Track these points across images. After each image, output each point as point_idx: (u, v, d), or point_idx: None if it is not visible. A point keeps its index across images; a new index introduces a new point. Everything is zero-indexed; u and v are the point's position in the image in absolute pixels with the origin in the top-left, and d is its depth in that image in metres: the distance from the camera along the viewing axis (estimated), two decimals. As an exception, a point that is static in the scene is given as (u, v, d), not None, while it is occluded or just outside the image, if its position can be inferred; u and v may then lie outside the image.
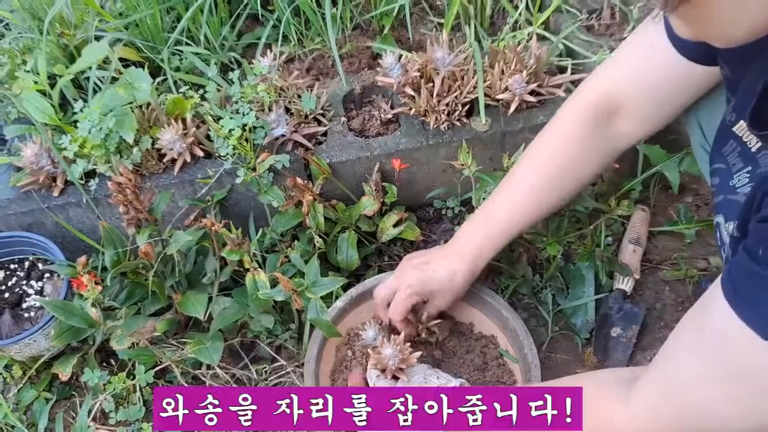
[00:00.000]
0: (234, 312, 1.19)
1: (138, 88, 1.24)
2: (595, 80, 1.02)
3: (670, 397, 0.70)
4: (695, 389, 0.68)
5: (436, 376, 1.03)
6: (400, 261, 1.39)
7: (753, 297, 0.61)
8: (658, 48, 0.90)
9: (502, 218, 1.07)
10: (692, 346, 0.69)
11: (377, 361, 1.04)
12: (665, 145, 1.33)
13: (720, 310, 0.63)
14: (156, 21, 1.44)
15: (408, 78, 1.30)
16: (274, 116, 1.27)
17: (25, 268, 1.33)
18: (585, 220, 1.30)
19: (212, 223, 1.16)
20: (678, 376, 0.70)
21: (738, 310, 0.61)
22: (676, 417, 0.70)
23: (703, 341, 0.67)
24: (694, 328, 0.70)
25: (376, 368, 1.06)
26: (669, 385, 0.71)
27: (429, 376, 1.03)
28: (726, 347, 0.64)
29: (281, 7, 1.48)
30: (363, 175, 1.34)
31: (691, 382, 0.68)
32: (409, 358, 1.03)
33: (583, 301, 1.30)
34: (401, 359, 1.02)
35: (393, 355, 1.02)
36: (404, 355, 1.03)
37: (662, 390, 0.72)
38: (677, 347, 0.72)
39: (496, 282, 1.38)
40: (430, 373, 1.04)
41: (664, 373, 0.73)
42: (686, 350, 0.70)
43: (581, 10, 1.50)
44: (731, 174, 0.76)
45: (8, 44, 1.46)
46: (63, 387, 1.30)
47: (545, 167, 1.04)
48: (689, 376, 0.69)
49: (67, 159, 1.27)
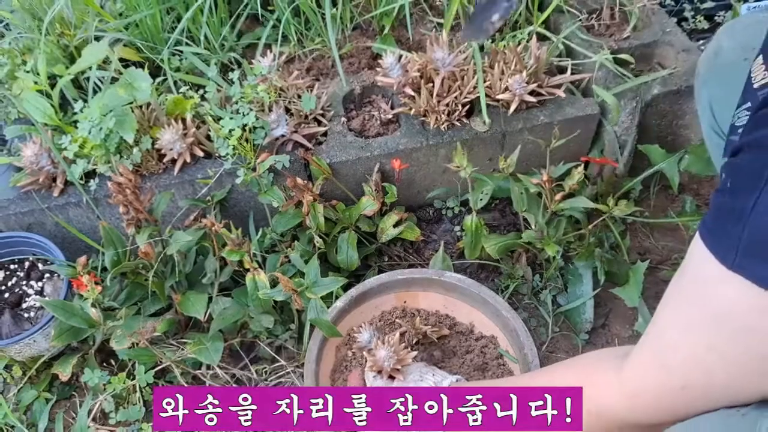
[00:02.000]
0: (234, 312, 1.19)
1: (138, 89, 1.24)
2: None
3: (657, 355, 0.68)
4: (679, 342, 0.65)
5: (432, 374, 1.04)
6: (400, 261, 1.40)
7: (721, 230, 0.58)
8: None
9: None
10: (673, 298, 0.67)
11: (373, 363, 1.05)
12: (665, 145, 1.33)
13: (696, 254, 0.62)
14: (156, 21, 1.44)
15: (408, 78, 1.30)
16: (274, 116, 1.27)
17: (25, 268, 1.33)
18: (584, 221, 1.30)
19: (212, 224, 1.16)
20: (663, 333, 0.68)
21: (708, 246, 0.59)
22: (665, 375, 0.67)
23: (681, 290, 0.65)
24: (675, 281, 0.68)
25: (372, 369, 1.07)
26: (656, 344, 0.69)
27: (425, 374, 1.04)
28: (701, 288, 0.61)
29: (281, 7, 1.48)
30: (363, 175, 1.34)
31: (674, 336, 0.66)
32: (405, 358, 1.04)
33: (582, 301, 1.30)
34: (397, 360, 1.03)
35: (387, 356, 1.03)
36: (400, 356, 1.03)
37: (651, 352, 0.70)
38: (662, 306, 0.70)
39: (496, 282, 1.38)
40: (427, 371, 1.05)
41: (650, 333, 0.71)
42: (668, 305, 0.68)
43: (581, 10, 1.50)
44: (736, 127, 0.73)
45: (8, 44, 1.46)
46: (63, 387, 1.30)
47: None
48: (673, 330, 0.66)
49: (67, 159, 1.27)
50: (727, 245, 0.57)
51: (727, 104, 0.93)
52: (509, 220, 1.45)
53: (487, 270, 1.41)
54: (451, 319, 1.27)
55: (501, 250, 1.30)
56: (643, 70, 1.43)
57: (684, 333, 0.64)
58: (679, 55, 1.39)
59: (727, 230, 0.57)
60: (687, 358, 0.64)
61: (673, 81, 1.33)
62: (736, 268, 0.56)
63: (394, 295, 1.27)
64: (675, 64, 1.39)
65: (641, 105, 1.32)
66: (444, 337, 1.24)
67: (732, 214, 0.57)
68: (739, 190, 0.57)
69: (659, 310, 0.70)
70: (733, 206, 0.57)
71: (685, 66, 1.36)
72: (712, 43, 1.01)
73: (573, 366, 0.86)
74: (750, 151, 0.59)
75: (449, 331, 1.24)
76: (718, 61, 0.98)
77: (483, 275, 1.40)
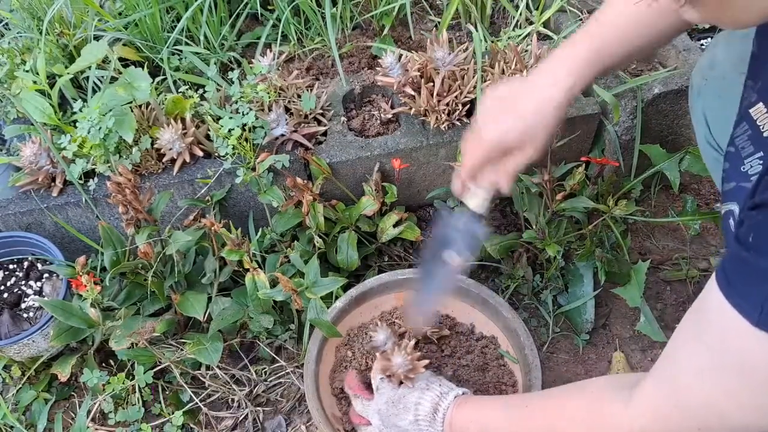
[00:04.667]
0: (233, 313, 1.18)
1: (137, 88, 1.24)
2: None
3: (672, 395, 0.70)
4: (695, 386, 0.67)
5: (438, 383, 1.03)
6: (400, 261, 1.40)
7: (744, 285, 0.60)
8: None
9: (614, 30, 0.91)
10: (690, 341, 0.69)
11: (386, 367, 1.04)
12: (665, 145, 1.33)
13: (715, 302, 0.63)
14: (155, 21, 1.44)
15: (408, 78, 1.29)
16: (273, 116, 1.27)
17: (24, 268, 1.33)
18: (585, 221, 1.29)
19: (212, 223, 1.16)
20: (679, 375, 0.70)
21: (730, 299, 0.61)
22: (679, 416, 0.69)
23: (700, 335, 0.67)
24: (692, 323, 0.70)
25: (382, 372, 1.06)
26: (670, 384, 0.71)
27: (432, 383, 1.03)
28: (722, 338, 0.63)
29: (281, 7, 1.48)
30: (363, 175, 1.34)
31: (691, 379, 0.68)
32: (417, 367, 1.03)
33: (582, 301, 1.30)
34: (410, 368, 1.03)
35: (404, 363, 1.02)
36: (414, 365, 1.03)
37: (663, 389, 0.71)
38: (677, 346, 0.72)
39: (497, 282, 1.38)
40: (434, 380, 1.04)
41: (665, 372, 0.72)
42: (685, 347, 0.70)
43: (582, 10, 1.50)
44: (742, 159, 0.73)
45: (7, 44, 1.46)
46: (62, 387, 1.30)
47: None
48: (689, 372, 0.68)
49: (66, 159, 1.27)
50: (752, 303, 0.59)
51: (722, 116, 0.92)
52: (510, 220, 1.44)
53: (488, 270, 1.40)
54: (451, 320, 1.27)
55: (502, 250, 1.29)
56: (644, 69, 1.42)
57: (702, 378, 0.66)
58: (680, 54, 1.39)
59: (751, 288, 0.59)
60: (704, 403, 0.67)
61: (673, 81, 1.33)
62: (762, 326, 0.58)
63: (394, 295, 1.27)
64: (676, 64, 1.38)
65: (642, 105, 1.32)
66: (444, 338, 1.23)
67: (757, 275, 0.59)
68: (763, 250, 0.59)
69: (674, 349, 0.72)
70: (757, 266, 0.59)
71: (686, 66, 1.36)
72: (707, 53, 1.01)
73: (576, 395, 0.86)
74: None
75: (449, 331, 1.24)
76: (713, 73, 0.97)
77: (483, 275, 1.40)
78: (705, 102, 0.99)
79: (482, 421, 0.95)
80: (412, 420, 1.00)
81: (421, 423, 0.99)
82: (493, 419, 0.94)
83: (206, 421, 1.24)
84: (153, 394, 1.26)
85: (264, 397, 1.27)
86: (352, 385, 1.11)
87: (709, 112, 0.98)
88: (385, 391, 1.04)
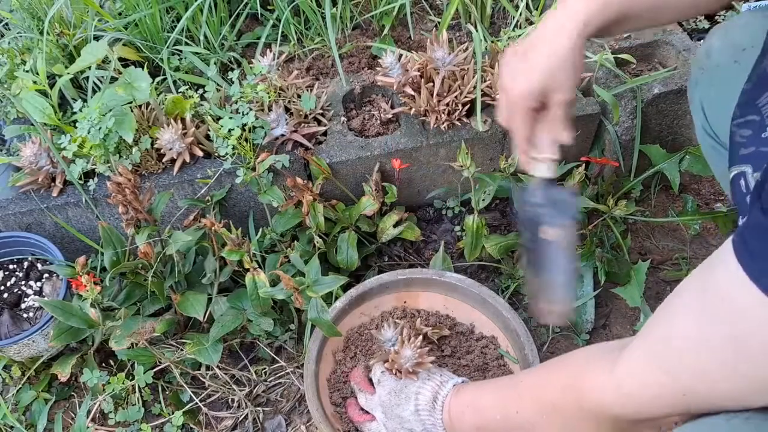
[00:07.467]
0: (231, 319, 1.19)
1: (137, 88, 1.24)
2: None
3: (660, 360, 0.68)
4: (689, 352, 0.65)
5: (439, 374, 1.06)
6: (400, 261, 1.40)
7: (763, 253, 0.57)
8: None
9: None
10: (692, 308, 0.66)
11: (394, 360, 1.07)
12: (665, 145, 1.33)
13: (728, 272, 0.60)
14: (155, 21, 1.44)
15: (408, 78, 1.29)
16: (273, 116, 1.27)
17: (24, 268, 1.33)
18: (585, 221, 1.29)
19: (212, 223, 1.16)
20: (672, 340, 0.67)
21: (748, 270, 0.58)
22: (668, 381, 0.67)
23: (705, 304, 0.64)
24: (697, 290, 0.67)
25: (384, 365, 1.10)
26: (659, 349, 0.69)
27: (433, 373, 1.06)
28: (731, 310, 0.60)
29: (281, 7, 1.48)
30: (363, 175, 1.34)
31: (686, 345, 0.65)
32: (425, 361, 1.06)
33: (582, 301, 1.30)
34: (417, 362, 1.06)
35: (411, 356, 1.05)
36: (422, 359, 1.06)
37: (650, 354, 0.69)
38: (675, 311, 0.69)
39: (497, 282, 1.38)
40: (435, 371, 1.07)
41: (654, 336, 0.70)
42: (685, 313, 0.67)
43: (582, 10, 1.50)
44: (765, 126, 0.72)
45: (7, 44, 1.46)
46: (62, 387, 1.30)
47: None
48: (686, 339, 0.65)
49: (66, 159, 1.27)
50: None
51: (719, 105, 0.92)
52: (510, 220, 1.44)
53: (488, 270, 1.40)
54: (451, 320, 1.27)
55: (502, 251, 1.29)
56: (644, 69, 1.42)
57: (698, 346, 0.64)
58: (679, 54, 1.39)
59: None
60: (696, 370, 0.65)
61: (673, 81, 1.33)
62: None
63: (394, 295, 1.27)
64: (676, 64, 1.38)
65: (642, 105, 1.32)
66: (444, 338, 1.23)
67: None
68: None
69: (666, 314, 0.70)
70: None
71: (686, 66, 1.36)
72: (704, 43, 1.01)
73: (563, 365, 0.87)
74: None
75: (450, 331, 1.24)
76: (710, 62, 0.97)
77: (483, 275, 1.40)
78: (702, 91, 0.99)
79: (476, 404, 0.98)
80: (413, 410, 1.02)
81: (421, 413, 1.01)
82: (485, 401, 0.96)
83: (206, 421, 1.24)
84: (153, 394, 1.26)
85: (264, 397, 1.27)
86: (358, 380, 1.12)
87: (706, 101, 0.98)
88: (387, 383, 1.07)
